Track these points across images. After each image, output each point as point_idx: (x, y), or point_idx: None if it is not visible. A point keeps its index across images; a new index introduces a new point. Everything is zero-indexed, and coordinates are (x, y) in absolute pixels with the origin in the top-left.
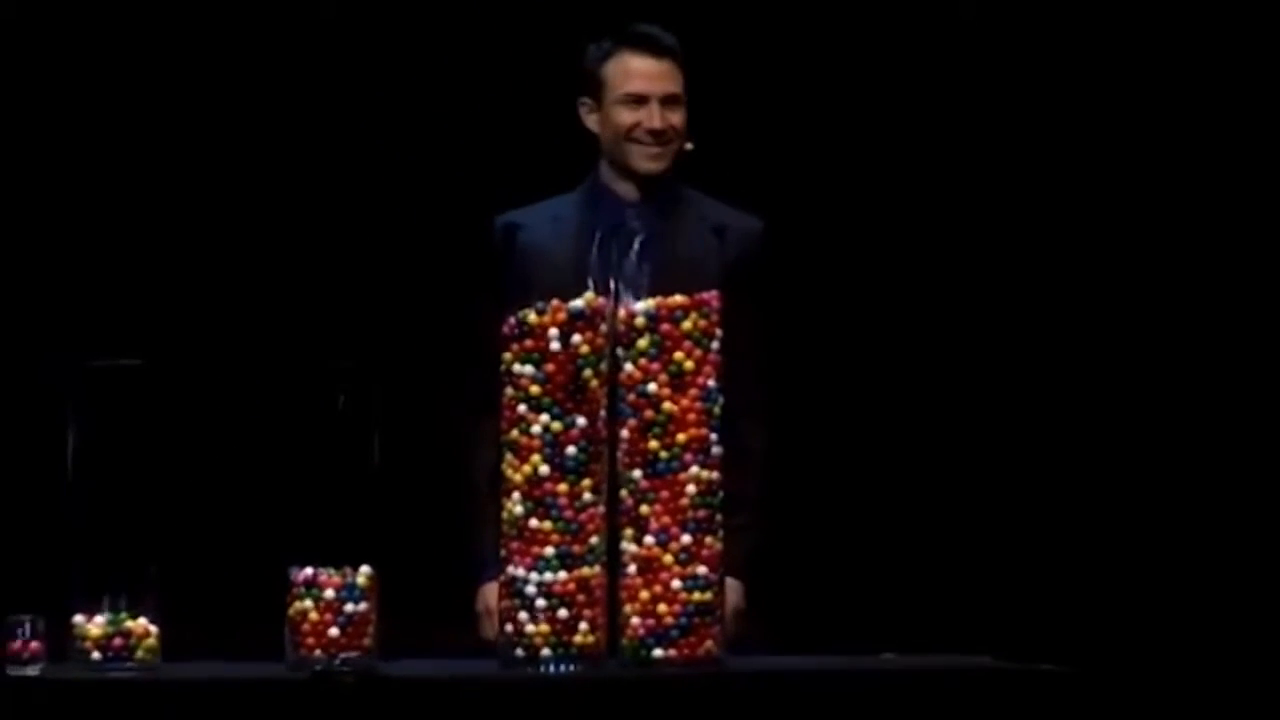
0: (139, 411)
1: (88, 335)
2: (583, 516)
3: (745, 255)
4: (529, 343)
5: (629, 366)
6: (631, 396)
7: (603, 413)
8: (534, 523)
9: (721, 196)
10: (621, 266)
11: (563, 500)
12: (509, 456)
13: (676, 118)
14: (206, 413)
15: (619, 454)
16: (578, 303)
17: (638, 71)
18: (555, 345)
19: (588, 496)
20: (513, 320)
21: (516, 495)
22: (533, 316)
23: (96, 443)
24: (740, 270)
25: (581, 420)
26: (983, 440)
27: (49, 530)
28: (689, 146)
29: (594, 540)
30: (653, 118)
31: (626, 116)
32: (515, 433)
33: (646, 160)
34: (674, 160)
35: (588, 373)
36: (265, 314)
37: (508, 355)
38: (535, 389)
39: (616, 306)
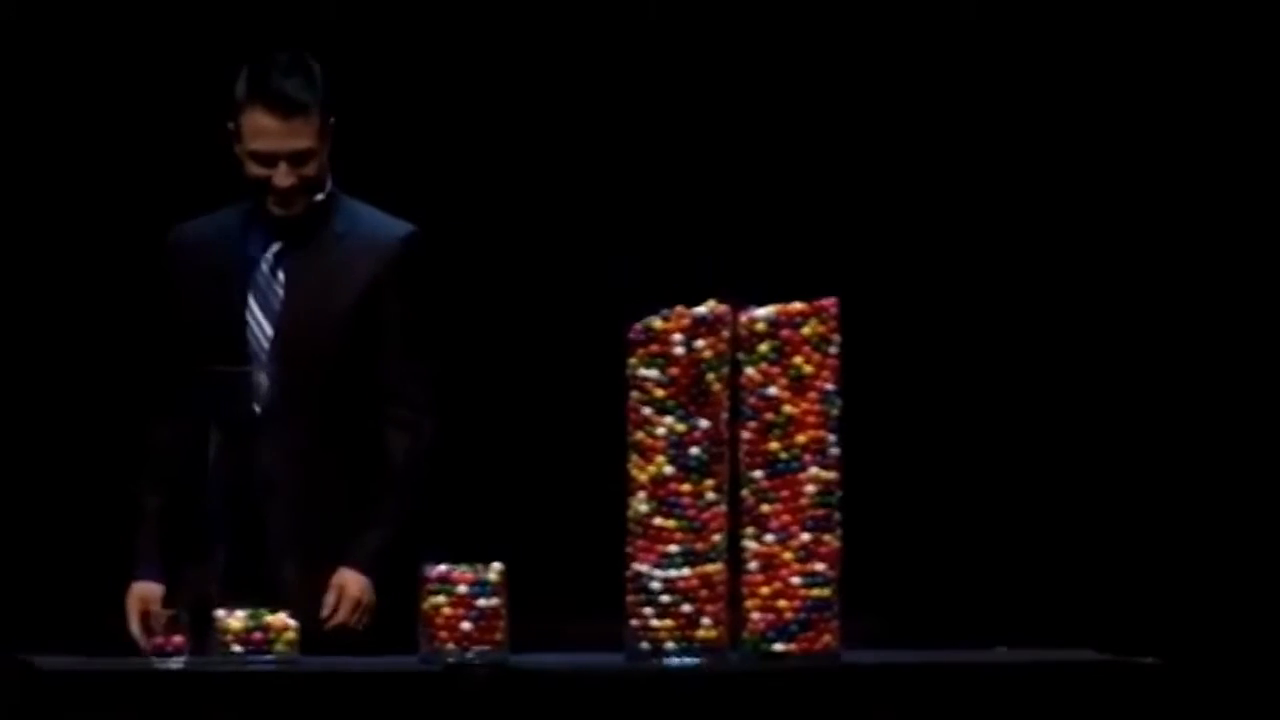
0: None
1: None
2: (705, 515)
3: (393, 261)
4: (654, 347)
5: (750, 370)
6: (753, 399)
7: (725, 415)
8: (658, 521)
9: (378, 204)
10: (257, 283)
11: (686, 499)
12: (634, 457)
13: (308, 169)
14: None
15: (740, 454)
16: (701, 309)
17: (266, 130)
18: (679, 350)
19: (710, 495)
20: (639, 326)
21: (642, 494)
22: (658, 322)
23: (236, 441)
24: (388, 276)
25: (704, 422)
26: (1089, 435)
27: (192, 526)
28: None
29: (716, 538)
30: (281, 176)
31: (256, 170)
32: (640, 434)
33: (278, 207)
34: (309, 203)
35: (710, 376)
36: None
37: (633, 360)
38: (660, 392)
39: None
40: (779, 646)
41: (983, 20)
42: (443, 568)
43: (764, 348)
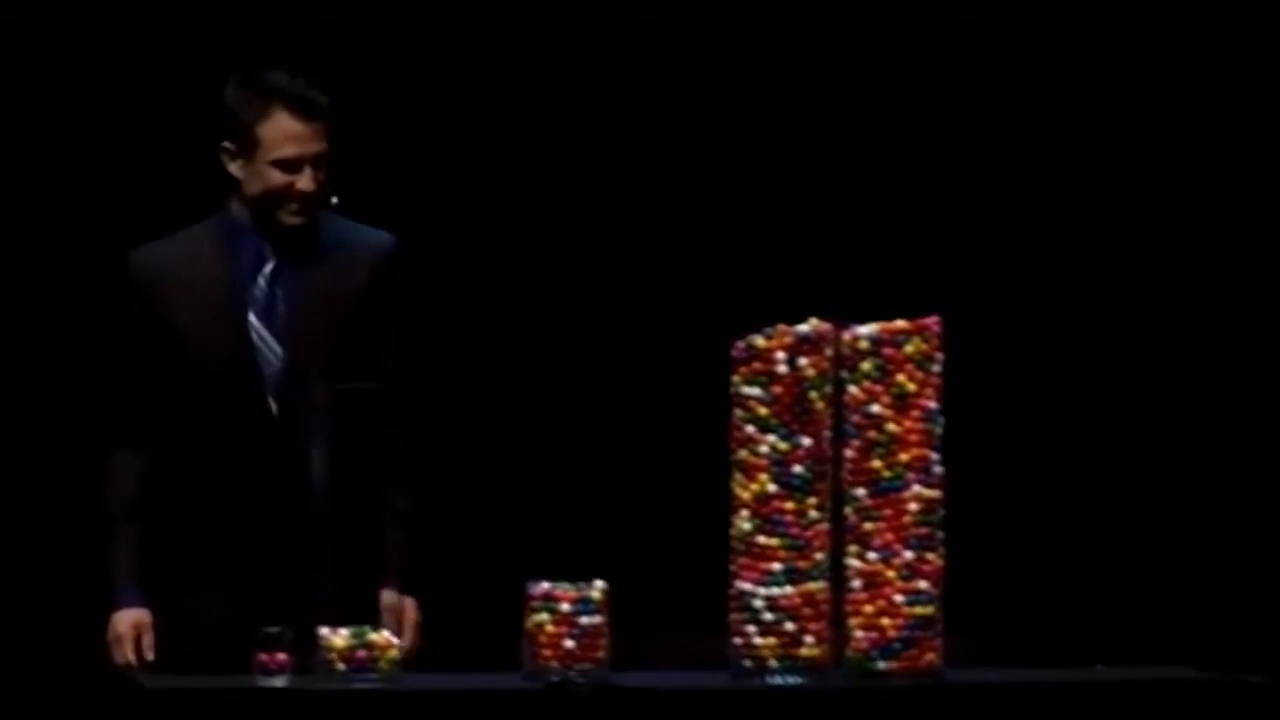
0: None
1: None
2: (809, 533)
3: (381, 272)
4: (757, 365)
5: (853, 388)
6: (856, 417)
7: (828, 433)
8: (761, 539)
9: (351, 215)
10: (259, 298)
11: (789, 517)
12: (737, 475)
13: (322, 175)
14: (442, 430)
15: (843, 473)
16: (803, 327)
17: (294, 135)
18: (782, 368)
19: (813, 514)
20: (741, 344)
21: (745, 512)
22: (760, 340)
23: (340, 461)
24: (378, 288)
25: (807, 440)
26: (1192, 452)
27: (295, 545)
28: (335, 200)
29: (819, 556)
30: (305, 181)
31: (279, 179)
32: (743, 452)
33: (293, 216)
34: (322, 205)
35: (813, 394)
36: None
37: (736, 378)
38: (763, 410)
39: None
40: (882, 665)
41: (1112, 41)
42: (546, 585)
43: (867, 366)
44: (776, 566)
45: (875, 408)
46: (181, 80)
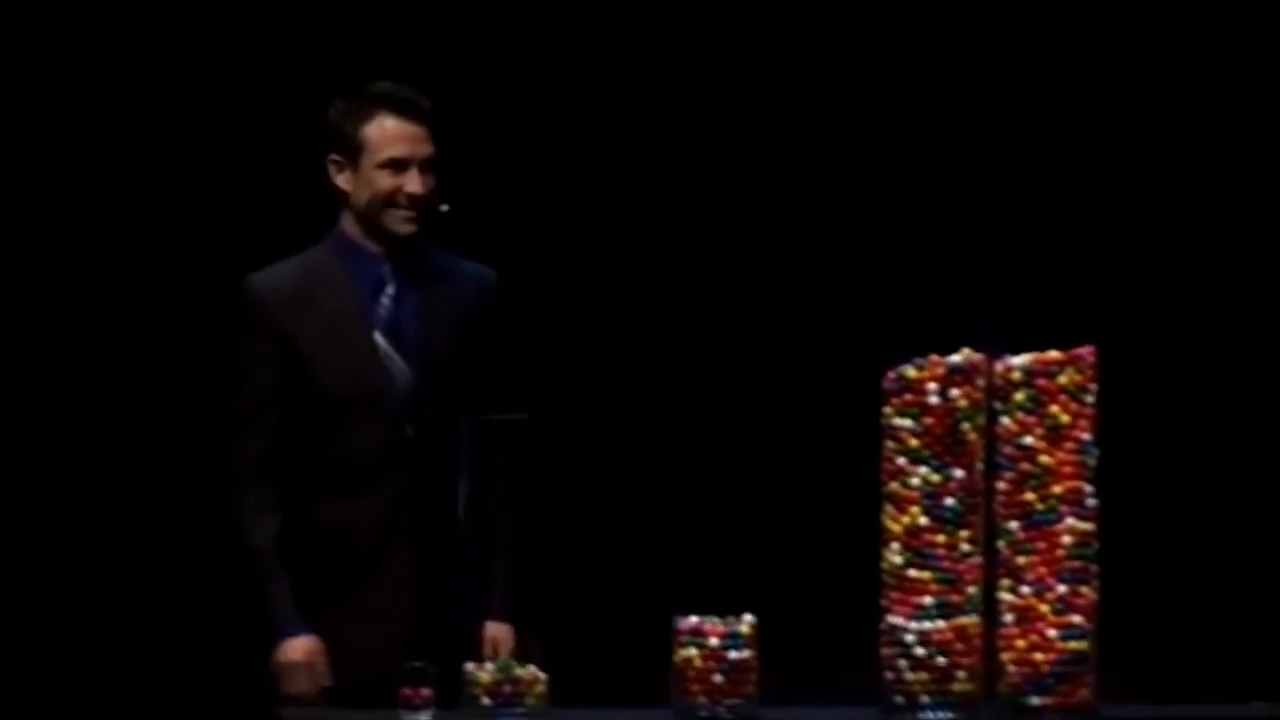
0: (528, 463)
1: None
2: (961, 567)
3: (486, 305)
4: (908, 397)
5: (1006, 420)
6: (1008, 449)
7: (980, 465)
8: (913, 573)
9: (451, 248)
10: (384, 318)
11: (941, 551)
12: (888, 508)
13: (431, 180)
14: (590, 465)
15: (996, 505)
16: (956, 358)
17: (399, 135)
18: (934, 399)
19: (965, 547)
20: (893, 375)
21: (896, 546)
22: (912, 371)
23: (483, 494)
24: (484, 321)
25: (959, 472)
26: None
27: (440, 578)
28: (444, 208)
29: (972, 590)
30: (414, 183)
31: (387, 181)
32: (895, 484)
33: (403, 224)
34: (429, 217)
35: (965, 426)
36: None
37: (887, 409)
38: (914, 442)
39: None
40: (1035, 700)
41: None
42: (694, 620)
43: (1020, 397)
44: (928, 600)
45: (1028, 439)
46: (289, 107)
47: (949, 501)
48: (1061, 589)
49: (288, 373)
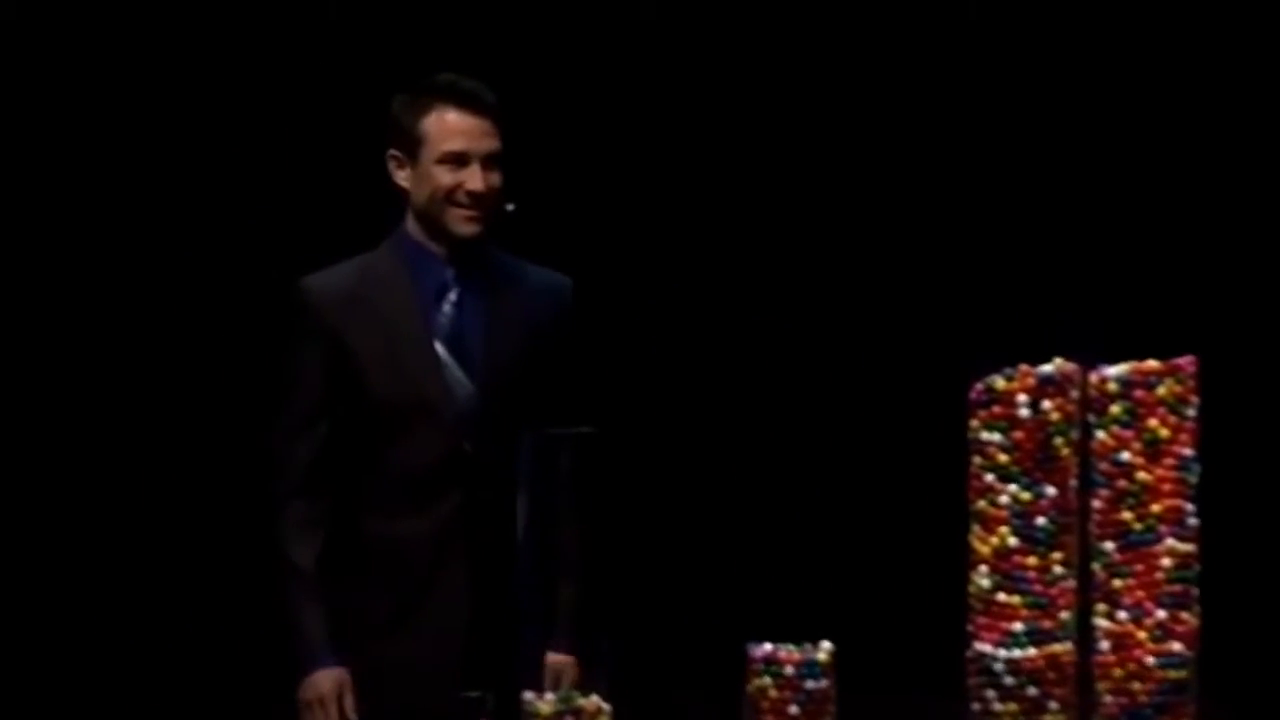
0: (592, 481)
1: None
2: (1053, 590)
3: (560, 315)
4: (997, 409)
5: (1101, 434)
6: (1104, 465)
7: (1073, 482)
8: (1002, 596)
9: (522, 254)
10: (445, 326)
11: (1032, 573)
12: (976, 528)
13: (496, 178)
14: (661, 484)
15: (1090, 525)
16: (1047, 368)
17: (460, 129)
18: (1024, 412)
19: (1058, 570)
20: (980, 386)
21: (983, 568)
22: (1001, 382)
23: (545, 513)
24: (556, 331)
25: (1051, 490)
26: None
27: (498, 601)
28: (510, 207)
29: (1064, 615)
30: (475, 179)
31: (446, 178)
32: (982, 503)
33: (464, 223)
34: (490, 219)
35: (1058, 440)
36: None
37: (974, 423)
38: (1003, 457)
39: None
40: None
41: None
42: (768, 647)
43: (1116, 410)
44: (1018, 626)
45: (1125, 455)
46: (358, 102)
47: (1040, 521)
48: (1161, 614)
49: (340, 380)
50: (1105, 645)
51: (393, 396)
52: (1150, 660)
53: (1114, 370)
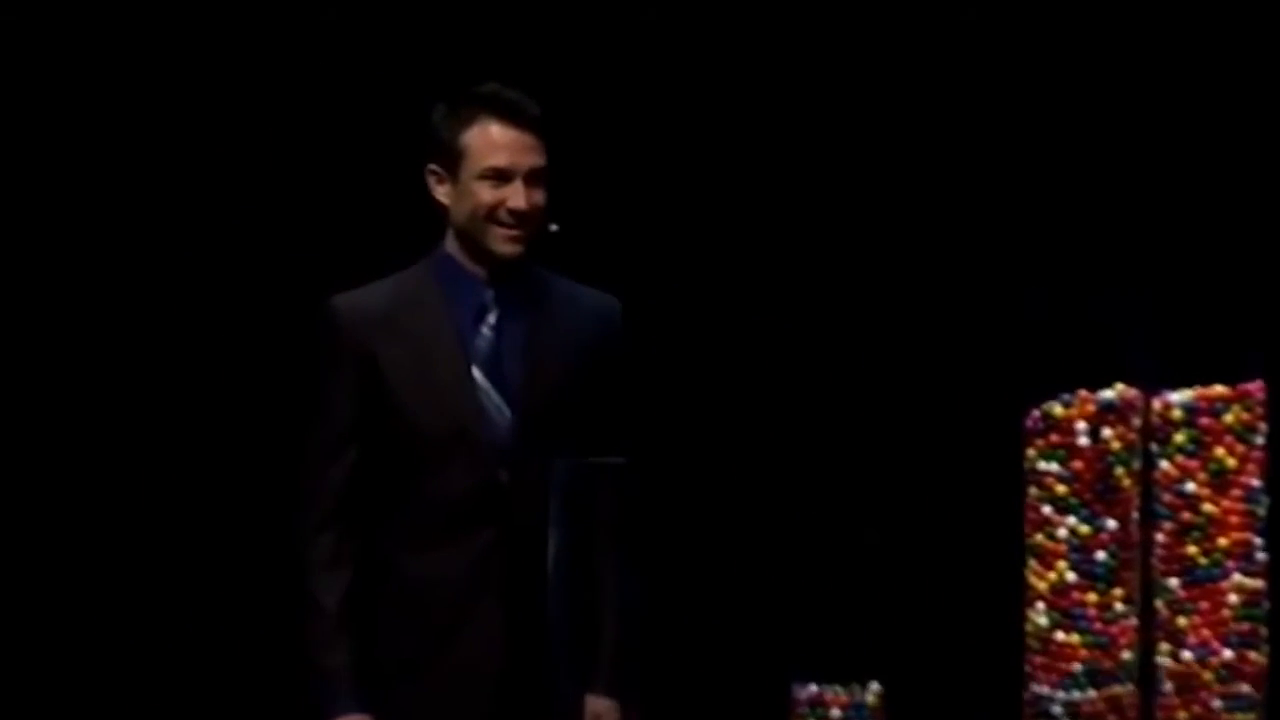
0: (631, 514)
1: None
2: (1113, 629)
3: (609, 339)
4: (1054, 437)
5: (1165, 464)
6: (1167, 496)
7: (1135, 515)
8: (1060, 636)
9: (569, 274)
10: (483, 350)
11: (1091, 611)
12: (1032, 563)
13: (539, 195)
14: (704, 518)
15: (1153, 560)
16: (1108, 393)
17: (502, 142)
18: (1084, 440)
19: (1119, 607)
20: (1036, 414)
21: (1040, 605)
22: (1058, 409)
23: (580, 549)
24: (604, 355)
25: (1112, 523)
26: None
27: (531, 642)
28: (554, 228)
29: (1126, 655)
30: (517, 196)
31: (488, 194)
32: (1039, 537)
33: (505, 243)
34: (532, 238)
35: (1119, 470)
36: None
37: (1031, 452)
38: (1061, 488)
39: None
40: None
41: None
42: (814, 688)
43: (1180, 438)
44: (1077, 667)
45: (1190, 486)
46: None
47: (1100, 555)
48: (1227, 654)
49: (370, 405)
50: (1169, 687)
51: (426, 424)
52: (1216, 703)
53: (1178, 396)
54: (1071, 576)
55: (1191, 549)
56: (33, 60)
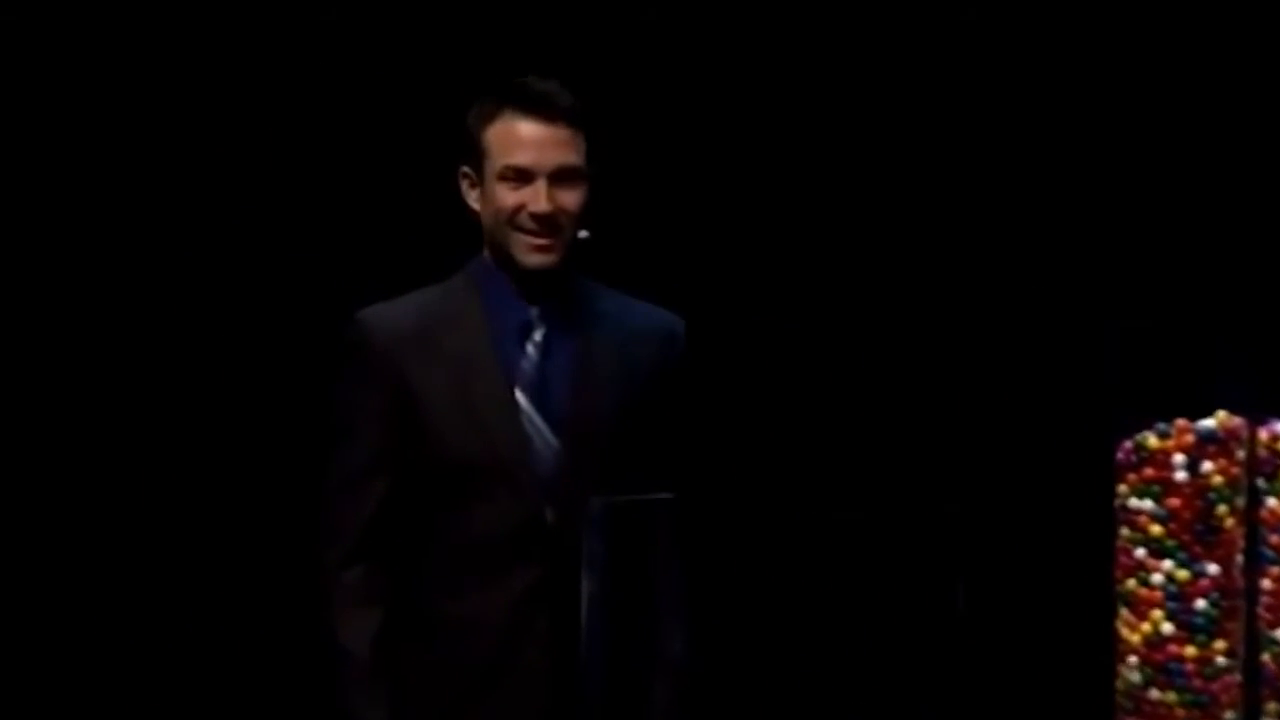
0: (696, 557)
1: None
2: (1215, 686)
3: (669, 361)
4: (1148, 472)
5: (1272, 501)
6: (1274, 538)
7: (1239, 558)
8: (1155, 694)
9: (626, 289)
10: (528, 373)
11: (1190, 666)
12: (1124, 611)
13: (570, 198)
14: (759, 552)
15: (1259, 609)
16: (1208, 423)
17: (525, 138)
18: (1181, 475)
19: (1221, 661)
20: (1129, 445)
21: (1133, 659)
22: (1153, 440)
23: (618, 595)
24: (663, 379)
25: (1213, 567)
26: None
27: (568, 696)
28: (583, 234)
29: (1229, 715)
30: (538, 199)
31: (509, 197)
32: (1132, 583)
33: (530, 252)
34: (566, 252)
35: (1221, 509)
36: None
37: (1123, 488)
38: (1156, 529)
39: None
40: None
41: None
42: None
43: None
44: None
45: None
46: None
47: (1200, 604)
48: None
49: (402, 431)
50: None
51: (463, 453)
52: None
53: None
54: (1168, 628)
55: None
56: (55, 65)
